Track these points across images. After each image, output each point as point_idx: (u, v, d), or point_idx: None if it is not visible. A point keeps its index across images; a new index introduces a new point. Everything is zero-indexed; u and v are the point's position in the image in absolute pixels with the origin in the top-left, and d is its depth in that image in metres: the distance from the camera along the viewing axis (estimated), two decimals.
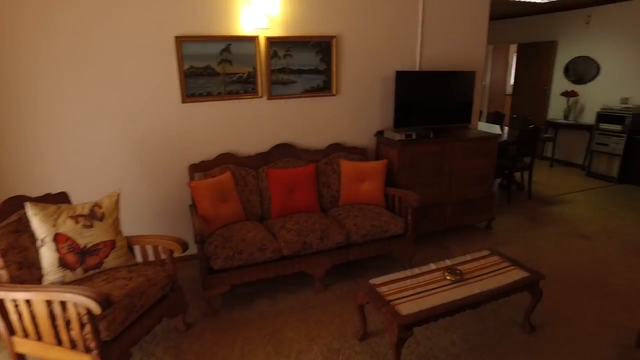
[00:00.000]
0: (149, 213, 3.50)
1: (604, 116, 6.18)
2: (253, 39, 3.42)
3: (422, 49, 4.10)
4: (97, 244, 2.44)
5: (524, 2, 6.14)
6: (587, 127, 6.57)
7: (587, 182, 6.21)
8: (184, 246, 2.55)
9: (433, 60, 4.19)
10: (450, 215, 4.06)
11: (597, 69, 6.58)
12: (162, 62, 3.24)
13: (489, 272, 2.63)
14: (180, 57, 3.26)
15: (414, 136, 3.73)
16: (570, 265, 3.63)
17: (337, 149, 3.88)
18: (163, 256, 2.63)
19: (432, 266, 2.72)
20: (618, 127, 6.00)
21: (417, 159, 3.75)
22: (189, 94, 3.38)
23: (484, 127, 5.91)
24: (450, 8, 4.11)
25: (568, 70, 6.99)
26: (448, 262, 2.77)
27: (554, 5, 6.65)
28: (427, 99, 4.01)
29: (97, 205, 2.52)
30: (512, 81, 8.66)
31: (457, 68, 4.32)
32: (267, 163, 3.64)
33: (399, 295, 2.39)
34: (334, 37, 3.66)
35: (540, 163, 7.31)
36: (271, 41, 3.49)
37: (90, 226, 2.44)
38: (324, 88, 3.77)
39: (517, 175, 5.95)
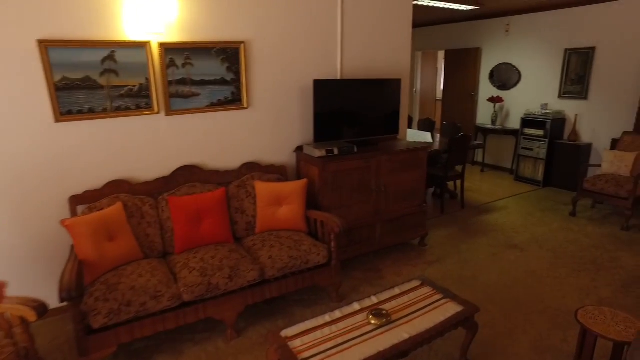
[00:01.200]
0: (16, 262, 2.84)
1: (527, 121, 6.27)
2: (143, 46, 2.90)
3: (343, 56, 3.78)
4: None
5: (449, 9, 6.10)
6: (514, 132, 6.66)
7: (516, 186, 6.26)
8: (40, 310, 1.98)
9: (356, 68, 3.89)
10: (381, 235, 3.77)
11: (519, 76, 6.70)
12: (22, 72, 2.62)
13: (420, 309, 2.31)
14: (48, 66, 2.66)
15: (336, 151, 3.39)
16: (504, 281, 3.45)
17: (252, 169, 3.44)
18: (15, 325, 2.04)
19: (356, 306, 2.36)
20: (540, 132, 6.11)
21: (340, 176, 3.41)
22: (65, 111, 2.78)
23: (415, 135, 5.75)
24: (371, 14, 3.84)
25: (493, 77, 7.08)
26: (374, 299, 2.42)
27: (477, 13, 6.70)
28: (351, 110, 3.70)
29: None
30: (442, 87, 8.72)
31: (382, 76, 4.06)
32: (169, 189, 3.11)
33: (315, 350, 1.99)
34: (242, 43, 3.23)
35: (471, 168, 7.33)
36: (166, 48, 2.98)
37: None
38: (234, 101, 3.33)
39: (450, 183, 5.85)
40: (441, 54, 9.03)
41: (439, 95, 9.34)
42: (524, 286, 3.38)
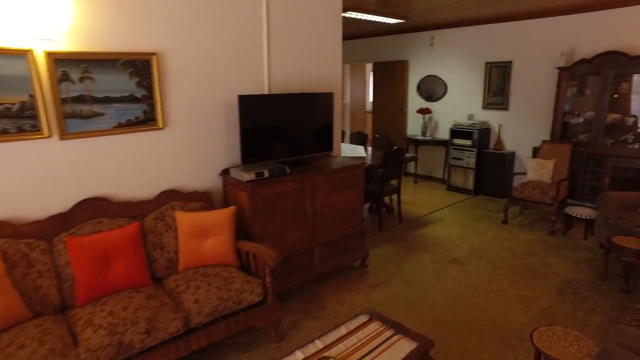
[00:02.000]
0: None
1: (456, 132, 6.41)
2: (23, 55, 2.38)
3: (271, 70, 3.49)
4: None
5: (376, 22, 6.08)
6: (443, 143, 6.78)
7: (449, 196, 6.35)
8: None
9: (285, 81, 3.62)
10: (320, 260, 3.49)
11: (445, 88, 6.86)
12: None
13: (371, 351, 2.05)
14: None
15: (266, 174, 3.06)
16: (450, 300, 3.33)
17: (172, 198, 3.00)
18: None
19: (299, 355, 2.03)
20: (468, 142, 6.26)
21: (272, 201, 3.09)
22: None
23: (347, 149, 5.60)
24: (299, 26, 3.60)
25: (420, 88, 7.21)
26: (319, 344, 2.12)
27: (403, 27, 6.78)
28: (281, 127, 3.41)
29: None
30: (371, 99, 8.76)
31: (313, 89, 3.82)
32: (68, 228, 2.59)
33: None
34: (153, 54, 2.81)
35: (405, 180, 7.36)
36: (56, 59, 2.49)
37: None
38: (147, 120, 2.88)
39: (386, 197, 5.76)
40: (369, 67, 9.11)
41: (369, 107, 9.41)
42: (470, 304, 3.27)
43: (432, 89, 7.03)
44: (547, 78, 5.65)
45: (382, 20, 5.95)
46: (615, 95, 5.00)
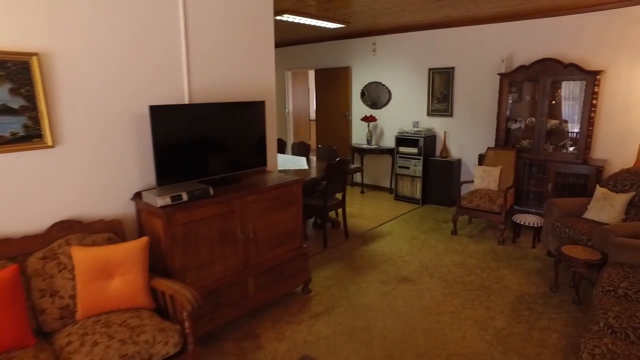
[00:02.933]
0: None
1: (402, 140, 6.24)
2: None
3: (191, 76, 3.05)
4: None
5: (317, 27, 5.79)
6: (389, 151, 6.60)
7: (396, 206, 6.14)
8: None
9: (210, 90, 3.19)
10: (255, 291, 3.06)
11: (389, 95, 6.70)
12: None
13: None
14: None
15: (185, 197, 2.60)
16: (402, 327, 3.02)
17: (69, 230, 2.46)
18: None
19: None
20: (414, 150, 6.11)
21: (194, 228, 2.63)
22: None
23: (288, 160, 5.23)
24: (224, 28, 3.19)
25: (364, 95, 7.00)
26: None
27: (345, 32, 6.56)
28: (204, 142, 2.96)
29: None
30: (314, 107, 8.46)
31: (243, 98, 3.42)
32: None
33: None
34: (33, 55, 2.28)
35: (351, 190, 7.10)
36: None
37: None
38: (30, 137, 2.34)
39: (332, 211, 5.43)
40: (312, 74, 8.83)
41: (313, 115, 9.11)
42: (423, 330, 2.98)
43: (376, 96, 6.85)
44: (489, 84, 5.61)
45: (322, 25, 5.67)
46: (553, 102, 5.02)
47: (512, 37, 5.32)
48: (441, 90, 6.07)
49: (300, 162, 5.22)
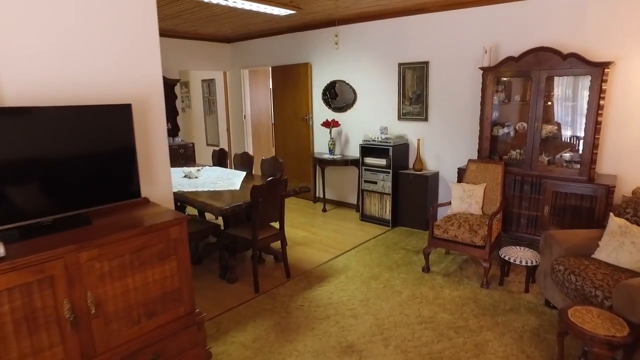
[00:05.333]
0: None
1: (367, 149, 5.20)
2: None
3: (7, 66, 1.96)
4: None
5: (267, 15, 4.74)
6: (355, 162, 5.54)
7: (362, 229, 5.08)
8: None
9: (43, 89, 2.10)
10: None
11: (354, 95, 5.65)
12: None
13: None
14: None
15: None
16: None
17: None
18: None
19: None
20: (383, 162, 5.06)
21: None
22: None
23: (223, 177, 4.16)
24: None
25: (327, 97, 5.95)
26: None
27: (302, 23, 5.52)
28: (23, 166, 1.88)
29: None
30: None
31: (103, 99, 2.34)
32: None
33: None
34: None
35: (312, 209, 6.03)
36: None
37: None
38: None
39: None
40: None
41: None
42: None
43: (341, 97, 5.80)
44: (470, 81, 4.59)
45: (267, 11, 4.62)
46: (549, 103, 4.01)
47: (498, 23, 4.30)
48: (414, 89, 5.04)
49: (234, 181, 4.15)
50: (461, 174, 4.30)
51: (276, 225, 3.74)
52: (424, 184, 4.85)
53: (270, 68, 6.50)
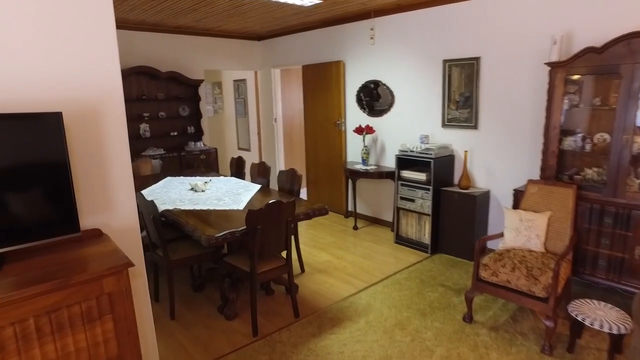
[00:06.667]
0: None
1: (404, 160, 4.44)
2: None
3: None
4: None
5: (287, 5, 4.14)
6: (391, 175, 4.79)
7: (395, 254, 4.33)
8: None
9: None
10: None
11: (391, 97, 4.90)
12: None
13: None
14: None
15: None
16: None
17: None
18: None
19: None
20: (422, 177, 4.27)
21: None
22: None
23: (230, 191, 3.61)
24: None
25: (361, 99, 5.24)
26: None
27: (334, 16, 4.88)
28: None
29: None
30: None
31: (36, 106, 1.82)
32: None
33: None
34: None
35: (343, 225, 5.35)
36: None
37: None
38: None
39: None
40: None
41: None
42: None
43: (377, 99, 5.07)
44: (531, 81, 3.70)
45: (287, 1, 4.01)
46: None
47: (572, 3, 3.39)
48: (461, 90, 4.21)
49: (242, 198, 3.57)
50: (518, 198, 3.43)
51: (284, 254, 3.11)
52: (471, 205, 4.01)
53: (301, 67, 5.89)
